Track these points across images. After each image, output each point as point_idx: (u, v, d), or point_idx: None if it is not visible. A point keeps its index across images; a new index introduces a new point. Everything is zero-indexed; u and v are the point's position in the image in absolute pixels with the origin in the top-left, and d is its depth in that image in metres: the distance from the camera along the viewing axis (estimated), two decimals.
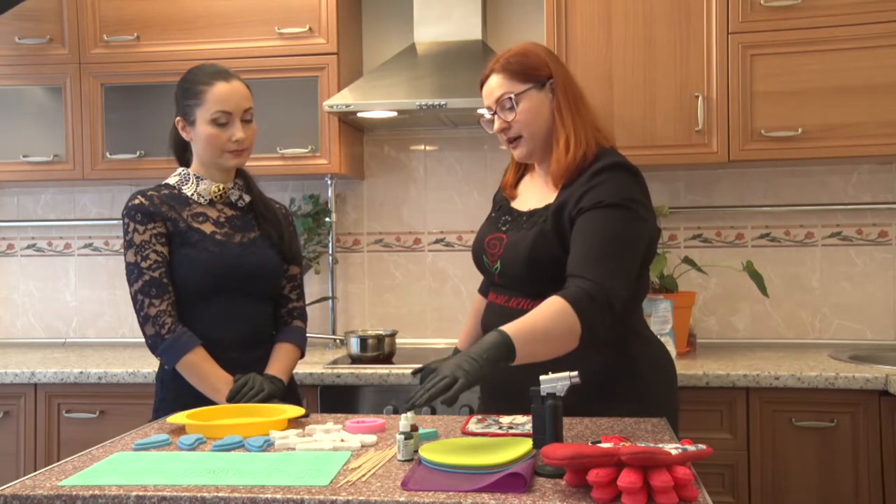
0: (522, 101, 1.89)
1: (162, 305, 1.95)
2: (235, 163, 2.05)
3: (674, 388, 1.99)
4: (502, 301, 1.93)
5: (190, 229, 2.00)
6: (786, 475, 2.45)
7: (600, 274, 1.71)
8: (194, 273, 1.98)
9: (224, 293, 2.01)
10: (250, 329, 2.06)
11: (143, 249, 1.96)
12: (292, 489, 1.30)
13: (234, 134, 2.00)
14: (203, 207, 2.05)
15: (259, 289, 2.08)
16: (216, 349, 1.98)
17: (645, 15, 2.77)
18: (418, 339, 3.29)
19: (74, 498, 1.31)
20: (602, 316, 1.69)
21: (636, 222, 1.80)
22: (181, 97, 2.04)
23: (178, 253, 1.99)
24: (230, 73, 2.04)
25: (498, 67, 1.92)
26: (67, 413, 2.76)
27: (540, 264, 1.82)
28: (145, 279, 1.96)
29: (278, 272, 2.12)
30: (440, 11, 3.03)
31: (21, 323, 3.54)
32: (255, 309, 2.08)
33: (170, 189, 2.06)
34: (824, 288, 3.08)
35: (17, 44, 3.11)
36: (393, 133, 3.32)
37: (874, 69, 2.66)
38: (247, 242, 2.06)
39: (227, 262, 2.00)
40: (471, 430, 1.68)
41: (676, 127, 2.76)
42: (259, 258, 2.06)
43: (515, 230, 1.91)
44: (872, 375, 2.38)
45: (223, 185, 2.07)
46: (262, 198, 2.15)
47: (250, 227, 2.09)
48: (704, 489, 1.32)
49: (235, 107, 2.01)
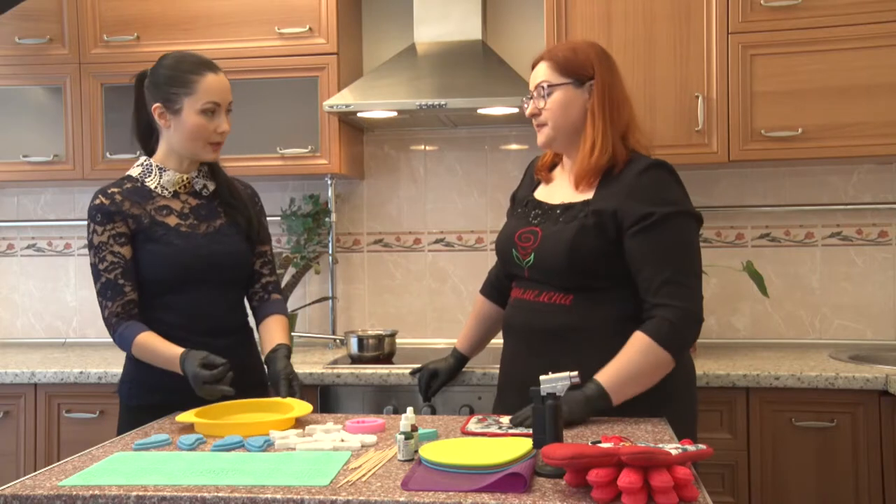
0: (556, 93, 1.93)
1: (115, 307, 1.96)
2: (214, 157, 2.05)
3: (694, 387, 2.03)
4: (531, 296, 1.93)
5: (154, 224, 1.99)
6: (786, 475, 2.45)
7: (681, 296, 1.80)
8: (161, 267, 1.98)
9: (192, 284, 2.01)
10: (220, 318, 2.06)
11: (100, 251, 1.97)
12: (292, 489, 1.30)
13: (220, 125, 2.00)
14: (167, 200, 2.03)
15: (227, 277, 2.07)
16: (187, 338, 1.97)
17: (645, 15, 2.77)
18: (418, 339, 3.29)
19: (74, 498, 1.31)
20: (691, 335, 1.84)
21: (692, 225, 1.88)
22: (165, 84, 1.99)
23: (144, 249, 1.98)
24: (215, 64, 2.04)
25: (547, 56, 1.98)
26: (67, 413, 2.76)
27: (580, 256, 1.84)
28: (101, 281, 1.97)
29: (246, 258, 2.12)
30: (440, 11, 3.03)
31: (21, 323, 3.54)
32: (225, 297, 2.07)
33: (132, 182, 2.04)
34: (824, 288, 3.08)
35: (17, 44, 3.11)
36: (393, 133, 3.32)
37: (874, 69, 2.66)
38: (212, 231, 2.05)
39: (193, 253, 2.00)
40: (470, 430, 1.68)
41: (676, 127, 2.76)
42: (225, 246, 2.05)
43: (551, 223, 1.92)
44: (872, 375, 2.38)
45: (186, 176, 2.05)
46: (227, 183, 2.12)
47: (215, 214, 2.07)
48: (704, 489, 1.32)
49: (223, 99, 2.01)
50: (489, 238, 3.26)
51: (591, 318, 1.86)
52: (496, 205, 3.25)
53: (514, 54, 3.14)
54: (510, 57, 3.10)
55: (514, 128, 3.24)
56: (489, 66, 2.92)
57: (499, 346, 2.08)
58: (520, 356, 1.94)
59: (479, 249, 3.28)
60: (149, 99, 2.03)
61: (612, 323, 1.85)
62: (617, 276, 1.86)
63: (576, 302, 1.87)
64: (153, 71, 2.04)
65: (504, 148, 3.28)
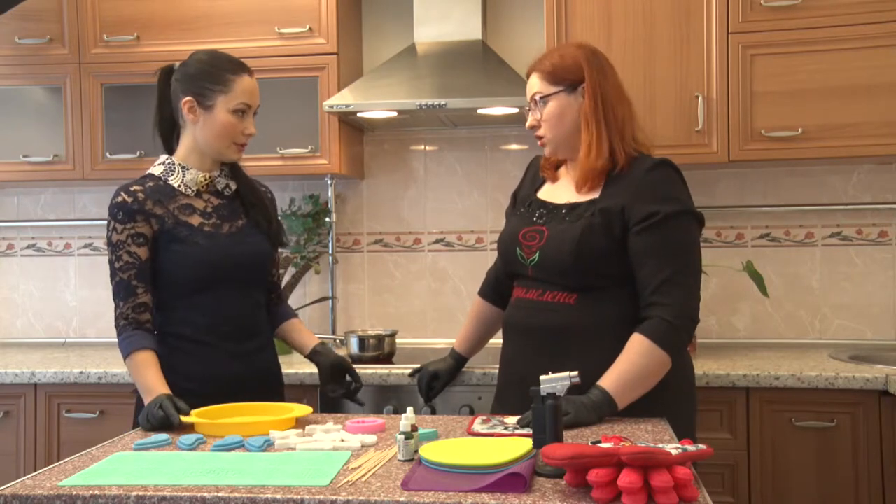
0: (550, 103, 1.93)
1: (125, 308, 1.95)
2: (238, 157, 2.05)
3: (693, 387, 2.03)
4: (535, 296, 1.93)
5: (178, 224, 1.98)
6: (786, 475, 2.45)
7: (679, 296, 1.81)
8: (187, 268, 1.97)
9: (217, 284, 1.99)
10: (246, 319, 2.05)
11: (117, 249, 1.95)
12: (292, 489, 1.30)
13: (248, 127, 2.01)
14: (189, 199, 2.02)
15: (251, 277, 2.07)
16: (213, 341, 1.98)
17: (645, 15, 2.77)
18: (418, 339, 3.29)
19: (74, 498, 1.31)
20: (687, 335, 1.84)
21: (695, 225, 1.90)
22: (200, 78, 1.98)
23: (168, 250, 1.97)
24: (249, 67, 2.05)
25: (536, 66, 1.97)
26: (67, 413, 2.76)
27: (586, 256, 1.84)
28: (116, 280, 1.96)
29: (269, 259, 2.12)
30: (440, 11, 3.03)
31: (21, 323, 3.54)
32: (250, 298, 2.07)
33: (155, 181, 2.02)
34: (824, 288, 3.08)
35: (17, 44, 3.11)
36: (393, 133, 3.32)
37: (874, 69, 2.66)
38: (235, 232, 2.04)
39: (218, 253, 1.99)
40: (476, 431, 1.68)
41: (676, 127, 2.76)
42: (249, 247, 2.05)
43: (556, 222, 1.92)
44: (872, 375, 2.38)
45: (209, 175, 2.05)
46: (249, 184, 2.12)
47: (237, 215, 2.07)
48: (704, 489, 1.32)
49: (254, 102, 2.02)
50: (489, 238, 3.26)
51: (594, 318, 1.86)
52: (496, 205, 3.25)
53: (514, 54, 3.14)
54: (510, 57, 3.10)
55: (514, 128, 3.24)
56: (489, 66, 2.92)
57: (498, 345, 2.08)
58: (522, 355, 1.94)
59: (480, 249, 3.28)
60: (178, 92, 2.01)
61: (616, 322, 1.85)
62: (621, 275, 1.86)
63: (580, 301, 1.87)
64: (185, 64, 2.02)
65: (504, 148, 3.28)
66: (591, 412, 1.72)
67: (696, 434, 1.96)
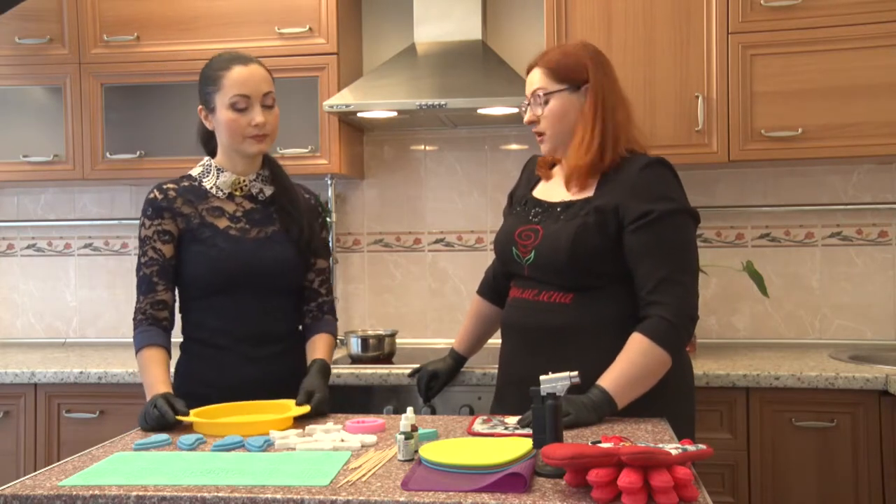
0: (553, 100, 1.93)
1: (143, 304, 1.96)
2: (257, 149, 2.00)
3: (693, 387, 2.03)
4: (530, 295, 1.93)
5: (203, 225, 1.97)
6: (786, 475, 2.45)
7: (677, 294, 1.81)
8: (202, 270, 1.96)
9: (234, 288, 1.98)
10: (263, 325, 2.02)
11: (143, 245, 1.98)
12: (292, 489, 1.30)
13: (254, 118, 1.96)
14: (220, 201, 2.01)
15: (271, 284, 2.01)
16: (229, 343, 1.98)
17: (645, 15, 2.77)
18: (418, 339, 3.29)
19: (74, 498, 1.31)
20: (687, 333, 1.83)
21: (690, 223, 1.89)
22: (202, 84, 2.00)
23: (189, 250, 1.97)
24: (249, 57, 2.01)
25: (541, 62, 1.96)
26: (67, 413, 2.76)
27: (581, 254, 1.84)
28: (139, 275, 1.98)
29: (294, 267, 2.05)
30: (440, 11, 3.03)
31: (21, 323, 3.54)
32: (270, 305, 2.02)
33: (190, 181, 2.03)
34: (824, 288, 3.08)
35: (17, 44, 3.11)
36: (393, 133, 3.32)
37: (874, 69, 2.66)
38: (263, 237, 2.01)
39: (237, 258, 1.97)
40: (477, 431, 1.68)
41: (676, 127, 2.76)
42: (274, 253, 2.00)
43: (552, 221, 1.92)
44: (872, 375, 2.38)
45: (243, 178, 2.03)
46: (287, 190, 2.08)
47: (270, 220, 2.04)
48: (704, 489, 1.32)
49: (254, 90, 1.96)
50: (489, 238, 3.26)
51: (591, 317, 1.86)
52: (496, 205, 3.25)
53: (514, 54, 3.14)
54: (510, 57, 3.10)
55: (514, 128, 3.24)
56: (489, 66, 2.92)
57: (498, 345, 2.08)
58: (519, 355, 1.94)
59: (479, 249, 3.28)
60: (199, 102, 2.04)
61: (612, 321, 1.85)
62: (617, 274, 1.86)
63: (576, 300, 1.87)
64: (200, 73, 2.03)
65: (504, 148, 3.28)
66: (592, 412, 1.71)
67: (695, 434, 1.96)
